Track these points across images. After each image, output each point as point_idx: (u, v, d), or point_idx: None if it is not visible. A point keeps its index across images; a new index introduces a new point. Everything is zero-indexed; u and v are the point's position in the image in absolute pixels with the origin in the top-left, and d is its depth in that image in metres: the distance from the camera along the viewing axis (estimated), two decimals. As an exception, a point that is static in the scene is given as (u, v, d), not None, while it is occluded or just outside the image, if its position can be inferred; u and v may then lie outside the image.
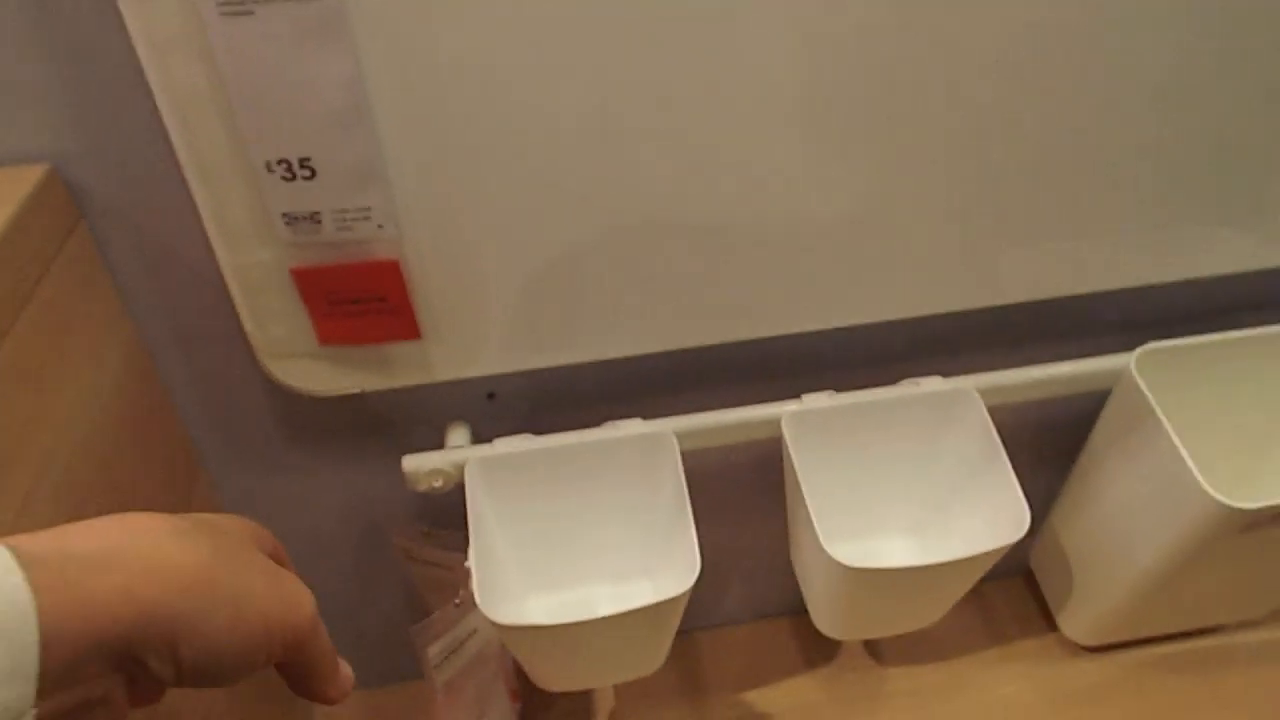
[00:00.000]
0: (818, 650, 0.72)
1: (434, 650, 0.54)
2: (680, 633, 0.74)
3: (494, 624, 0.48)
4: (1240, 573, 0.61)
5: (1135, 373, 0.54)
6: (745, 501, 0.67)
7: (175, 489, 0.52)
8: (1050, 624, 0.72)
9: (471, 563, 0.50)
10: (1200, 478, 0.49)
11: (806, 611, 0.63)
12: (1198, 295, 0.60)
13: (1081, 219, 0.53)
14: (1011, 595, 0.75)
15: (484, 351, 0.52)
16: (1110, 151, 0.50)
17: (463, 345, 0.51)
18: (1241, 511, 0.48)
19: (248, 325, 0.47)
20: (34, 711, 0.22)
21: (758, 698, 0.69)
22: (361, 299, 0.46)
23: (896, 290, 0.55)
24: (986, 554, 0.51)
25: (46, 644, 0.22)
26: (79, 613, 0.23)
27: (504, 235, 0.46)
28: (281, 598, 0.29)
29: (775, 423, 0.56)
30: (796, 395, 0.57)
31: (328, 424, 0.56)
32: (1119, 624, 0.66)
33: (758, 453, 0.60)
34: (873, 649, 0.72)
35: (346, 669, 0.33)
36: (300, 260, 0.45)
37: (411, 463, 0.54)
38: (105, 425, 0.44)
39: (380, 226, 0.43)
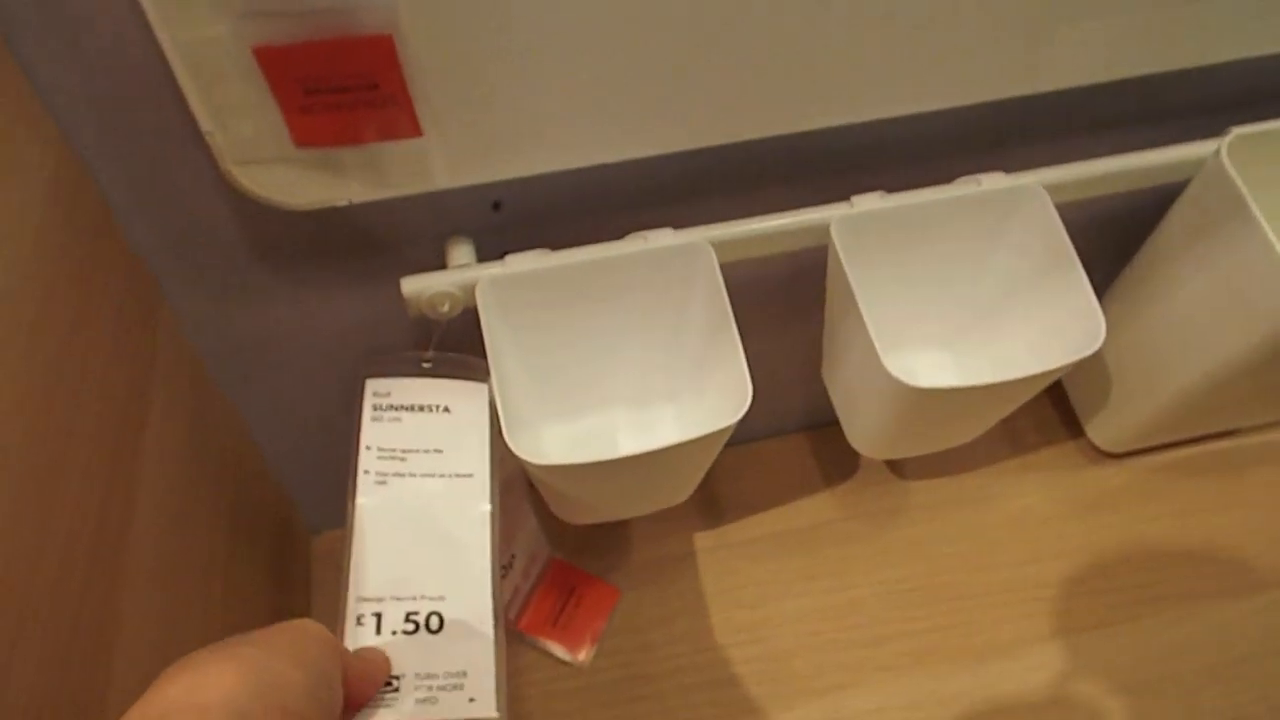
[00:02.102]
0: (836, 466, 0.70)
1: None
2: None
3: (525, 462, 0.43)
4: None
5: (1225, 160, 0.48)
6: (763, 317, 0.62)
7: (134, 324, 0.44)
8: (1071, 432, 0.70)
9: (495, 393, 0.44)
10: (1295, 277, 0.45)
11: (823, 427, 0.60)
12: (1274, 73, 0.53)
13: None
14: (1033, 404, 0.71)
15: (491, 152, 0.44)
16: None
17: (468, 145, 0.42)
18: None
19: (204, 123, 0.38)
20: None
21: (778, 516, 0.67)
22: (347, 86, 0.37)
23: (949, 74, 0.47)
24: (1058, 368, 0.46)
25: None
26: None
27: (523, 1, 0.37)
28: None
29: (821, 229, 0.50)
30: (841, 197, 0.51)
31: (307, 243, 0.48)
32: (1152, 430, 0.64)
33: (780, 266, 0.54)
34: (893, 463, 0.70)
35: (378, 656, 0.38)
36: (266, 36, 0.35)
37: (412, 285, 0.46)
38: (44, 252, 0.36)
39: (369, -13, 0.34)
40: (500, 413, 0.44)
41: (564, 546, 0.65)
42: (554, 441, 0.57)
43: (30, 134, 0.37)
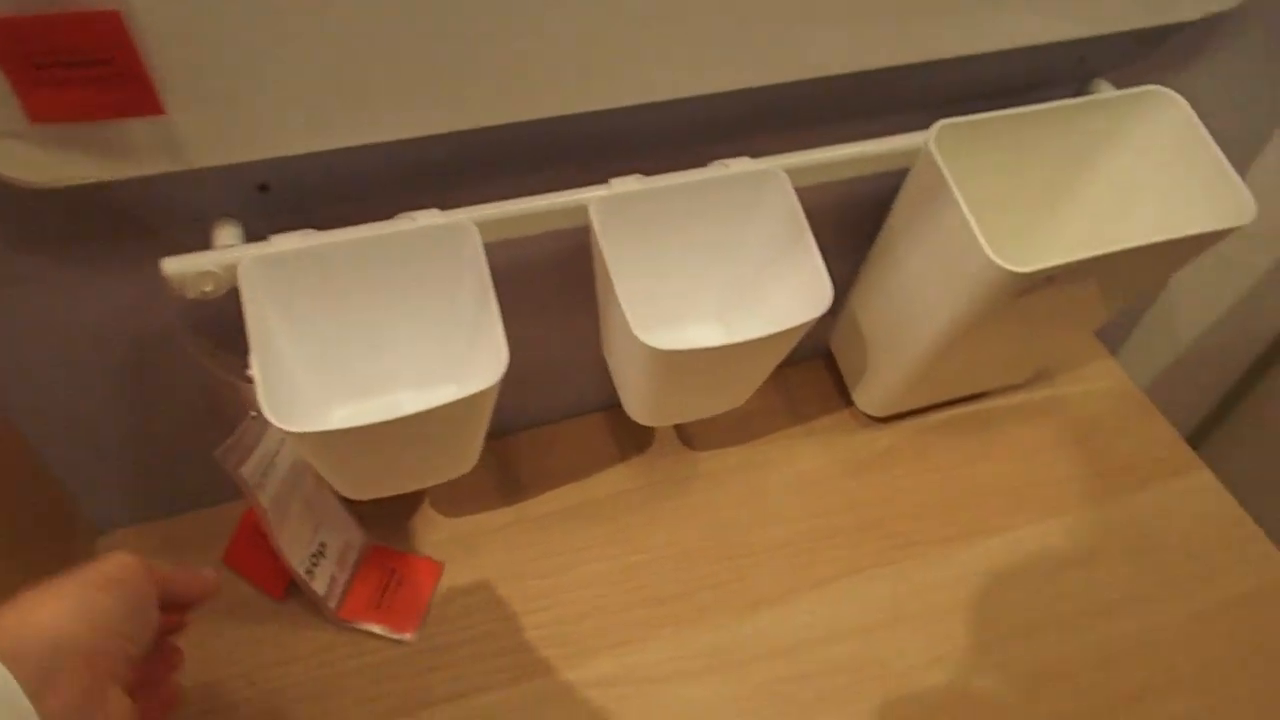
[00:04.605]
0: (631, 441, 0.74)
1: (248, 470, 0.49)
2: (497, 436, 0.73)
3: (286, 432, 0.45)
4: (1010, 340, 0.67)
5: (933, 148, 0.55)
6: (551, 299, 0.65)
7: None
8: (844, 401, 0.77)
9: (255, 371, 0.45)
10: (985, 244, 0.51)
11: (619, 405, 0.64)
12: (989, 71, 0.61)
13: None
14: (812, 376, 0.78)
15: (253, 132, 0.45)
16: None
17: (224, 123, 0.44)
18: (1018, 275, 0.51)
19: (-73, 96, 0.38)
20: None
21: (575, 490, 0.70)
22: (76, 61, 0.38)
23: (699, 64, 0.52)
24: (791, 330, 0.52)
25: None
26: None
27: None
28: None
29: (582, 209, 0.53)
30: (601, 180, 0.54)
31: (61, 225, 0.48)
32: (906, 394, 0.71)
33: (561, 247, 0.57)
34: (684, 435, 0.74)
35: (205, 573, 0.46)
36: (-13, 8, 0.36)
37: (174, 265, 0.47)
38: None
39: (87, -39, 0.35)
40: (261, 393, 0.45)
41: (375, 532, 0.67)
42: (341, 422, 0.58)
43: None
